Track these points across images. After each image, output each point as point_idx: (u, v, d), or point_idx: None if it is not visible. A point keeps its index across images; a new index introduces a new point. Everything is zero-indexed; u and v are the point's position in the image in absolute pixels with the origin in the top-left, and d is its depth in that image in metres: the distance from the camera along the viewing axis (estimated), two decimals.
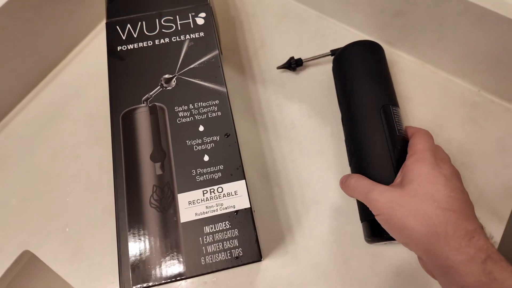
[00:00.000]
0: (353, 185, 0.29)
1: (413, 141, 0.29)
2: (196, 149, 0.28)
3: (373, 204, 0.27)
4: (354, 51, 0.35)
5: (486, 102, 0.39)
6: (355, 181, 0.29)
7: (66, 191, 0.36)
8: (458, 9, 0.32)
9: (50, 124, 0.39)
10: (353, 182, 0.29)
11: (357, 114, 0.32)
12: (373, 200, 0.27)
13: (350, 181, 0.30)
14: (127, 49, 0.32)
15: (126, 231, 0.26)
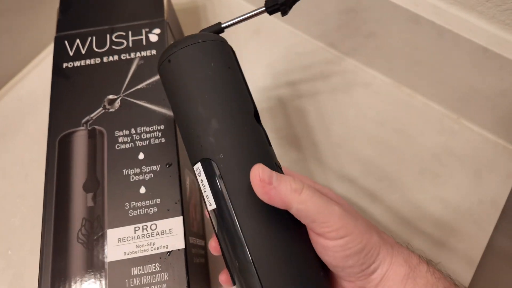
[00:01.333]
0: (305, 195, 0.20)
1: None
2: (132, 180, 0.26)
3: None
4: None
5: (465, 130, 0.36)
6: (301, 188, 0.20)
7: (12, 212, 0.34)
8: (431, 34, 0.30)
9: (2, 140, 0.37)
10: (304, 190, 0.20)
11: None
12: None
13: (294, 186, 0.20)
14: (73, 66, 0.30)
15: (49, 267, 0.24)
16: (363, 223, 0.20)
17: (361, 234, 0.20)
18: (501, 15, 0.27)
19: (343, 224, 0.19)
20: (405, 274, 0.20)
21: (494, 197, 0.33)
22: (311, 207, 0.19)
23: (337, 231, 0.19)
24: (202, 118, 0.20)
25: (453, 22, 0.29)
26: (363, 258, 0.20)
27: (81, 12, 0.32)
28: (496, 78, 0.30)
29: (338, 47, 0.39)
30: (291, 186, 0.19)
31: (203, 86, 0.20)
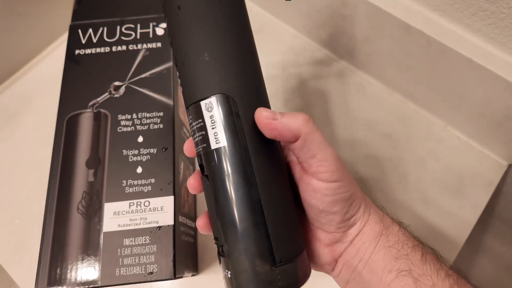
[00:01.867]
0: (314, 127, 0.20)
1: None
2: (131, 160, 0.28)
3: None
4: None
5: (452, 138, 0.38)
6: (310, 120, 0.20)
7: (21, 184, 0.37)
8: (421, 42, 0.32)
9: (15, 117, 0.40)
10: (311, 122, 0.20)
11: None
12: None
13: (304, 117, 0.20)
14: (84, 53, 0.32)
15: (51, 233, 0.26)
16: (351, 175, 0.21)
17: (350, 183, 0.21)
18: (486, 28, 0.29)
19: (338, 168, 0.20)
20: (379, 231, 0.21)
21: (474, 203, 0.35)
22: (316, 139, 0.20)
23: (332, 172, 0.20)
24: (223, 55, 0.20)
25: (441, 32, 0.30)
26: (348, 207, 0.21)
27: (95, 3, 0.35)
28: (480, 88, 0.31)
29: (335, 50, 0.41)
30: (297, 117, 0.20)
31: (225, 26, 0.20)
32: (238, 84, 0.20)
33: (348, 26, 0.36)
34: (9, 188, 0.37)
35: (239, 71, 0.20)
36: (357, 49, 0.38)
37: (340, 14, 0.36)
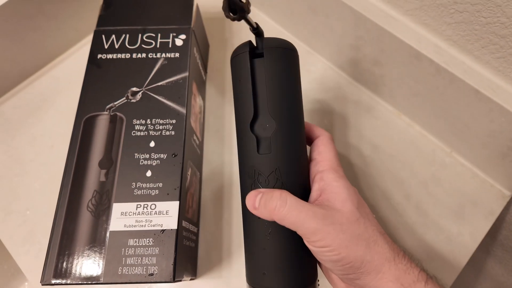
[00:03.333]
0: (283, 212, 0.22)
1: (323, 148, 0.27)
2: (141, 163, 0.29)
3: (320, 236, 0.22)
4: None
5: (456, 164, 0.38)
6: (282, 205, 0.23)
7: (35, 176, 0.39)
8: (430, 70, 0.32)
9: (36, 112, 0.42)
10: (281, 208, 0.22)
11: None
12: (320, 232, 0.22)
13: (275, 205, 0.23)
14: (106, 58, 0.34)
15: (60, 228, 0.28)
16: (347, 236, 0.22)
17: (340, 248, 0.21)
18: (495, 61, 0.30)
19: (320, 238, 0.22)
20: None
21: (473, 231, 0.35)
22: (286, 223, 0.22)
23: (315, 242, 0.22)
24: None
25: (450, 62, 0.31)
26: (342, 267, 0.22)
27: (120, 11, 0.37)
28: (486, 119, 0.32)
29: (347, 70, 0.42)
30: (266, 207, 0.23)
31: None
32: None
33: (361, 48, 0.37)
34: (25, 180, 0.38)
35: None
36: (368, 71, 0.39)
37: (353, 35, 0.37)
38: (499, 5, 0.26)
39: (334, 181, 0.24)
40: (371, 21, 0.34)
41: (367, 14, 0.34)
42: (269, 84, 0.25)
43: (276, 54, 0.25)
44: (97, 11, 0.37)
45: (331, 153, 0.26)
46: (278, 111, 0.24)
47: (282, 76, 0.25)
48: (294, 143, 0.25)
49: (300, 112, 0.26)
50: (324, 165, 0.26)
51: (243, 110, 0.25)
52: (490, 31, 0.28)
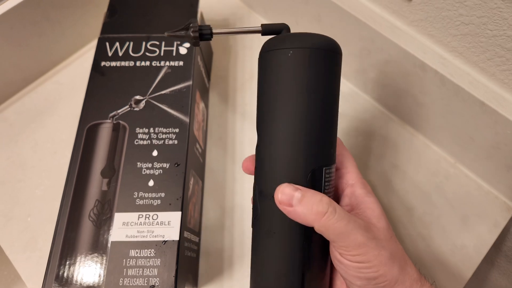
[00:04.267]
0: (332, 220, 0.20)
1: (343, 157, 0.26)
2: (144, 173, 0.29)
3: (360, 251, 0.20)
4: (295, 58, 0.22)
5: (460, 175, 0.38)
6: (332, 213, 0.20)
7: (37, 182, 0.38)
8: (435, 81, 0.32)
9: (39, 117, 0.42)
10: (331, 215, 0.20)
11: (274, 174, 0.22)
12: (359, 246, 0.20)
13: (324, 210, 0.20)
14: (110, 65, 0.34)
15: (62, 237, 0.27)
16: (387, 253, 0.21)
17: (379, 265, 0.20)
18: (500, 74, 0.29)
19: (363, 252, 0.20)
20: None
21: (477, 244, 0.35)
22: (331, 232, 0.20)
23: (354, 256, 0.20)
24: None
25: (455, 73, 0.31)
26: (373, 285, 0.21)
27: (124, 18, 0.37)
28: (491, 131, 0.31)
29: (352, 81, 0.42)
30: (312, 209, 0.20)
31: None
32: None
33: (365, 57, 0.37)
34: (27, 185, 0.38)
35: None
36: (372, 80, 0.39)
37: (360, 45, 0.37)
38: (505, 18, 0.26)
39: (366, 196, 0.24)
40: (376, 31, 0.33)
41: (371, 24, 0.34)
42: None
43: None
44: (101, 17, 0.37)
45: (352, 162, 0.25)
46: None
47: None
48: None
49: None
50: (351, 177, 0.25)
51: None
52: (496, 43, 0.28)
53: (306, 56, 0.21)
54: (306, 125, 0.22)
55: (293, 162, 0.22)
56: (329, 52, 0.22)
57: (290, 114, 0.22)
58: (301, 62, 0.21)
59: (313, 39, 0.22)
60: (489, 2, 0.26)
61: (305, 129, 0.22)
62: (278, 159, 0.22)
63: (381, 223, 0.22)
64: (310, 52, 0.21)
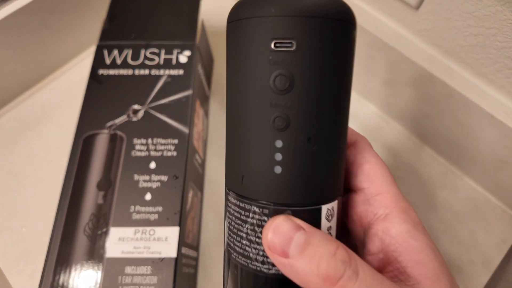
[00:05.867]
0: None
1: (370, 165, 0.16)
2: (141, 186, 0.28)
3: None
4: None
5: (467, 188, 0.37)
6: (352, 278, 0.13)
7: (32, 192, 0.37)
8: (443, 92, 0.31)
9: (36, 125, 0.41)
10: (350, 282, 0.13)
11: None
12: None
13: (340, 273, 0.13)
14: (107, 74, 0.33)
15: (55, 252, 0.26)
16: None
17: None
18: (510, 86, 0.28)
19: None
20: None
21: (486, 260, 0.34)
22: None
23: None
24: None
25: (464, 85, 0.30)
26: None
27: (123, 25, 0.36)
28: (500, 144, 0.30)
29: (357, 89, 0.41)
30: (319, 268, 0.12)
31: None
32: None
33: (371, 65, 0.36)
34: (21, 196, 0.37)
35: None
36: (378, 90, 0.38)
37: (362, 54, 0.36)
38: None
39: (411, 238, 0.14)
40: (380, 39, 0.33)
41: (376, 33, 0.33)
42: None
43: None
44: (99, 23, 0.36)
45: (385, 174, 0.16)
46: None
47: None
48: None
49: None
50: (384, 203, 0.15)
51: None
52: (505, 55, 0.27)
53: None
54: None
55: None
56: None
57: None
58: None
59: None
60: (498, 13, 0.26)
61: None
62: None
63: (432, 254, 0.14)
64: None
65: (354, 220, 0.17)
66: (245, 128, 0.16)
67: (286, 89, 0.15)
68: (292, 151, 0.15)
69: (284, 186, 0.15)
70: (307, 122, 0.15)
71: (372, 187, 0.16)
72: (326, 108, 0.15)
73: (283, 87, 0.15)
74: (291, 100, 0.15)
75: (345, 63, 0.16)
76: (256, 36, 0.15)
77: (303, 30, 0.15)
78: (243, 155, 0.16)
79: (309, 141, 0.15)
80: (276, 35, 0.15)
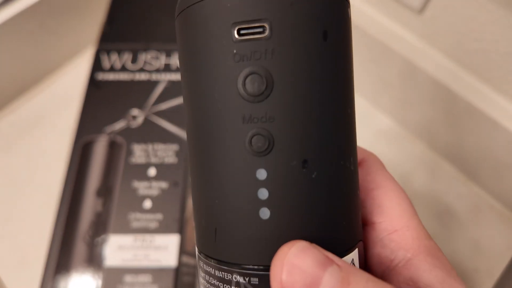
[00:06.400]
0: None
1: (385, 192, 0.14)
2: (141, 192, 0.28)
3: None
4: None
5: (472, 195, 0.36)
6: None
7: (30, 198, 0.37)
8: (446, 97, 0.31)
9: (33, 129, 0.40)
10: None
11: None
12: None
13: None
14: (106, 79, 0.33)
15: (55, 260, 0.26)
16: None
17: None
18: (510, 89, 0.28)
19: None
20: None
21: (490, 268, 0.33)
22: None
23: None
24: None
25: (467, 90, 0.30)
26: None
27: (122, 28, 0.36)
28: (504, 151, 0.30)
29: (360, 92, 0.41)
30: None
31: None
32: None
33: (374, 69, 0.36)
34: (19, 201, 0.37)
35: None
36: (382, 95, 0.38)
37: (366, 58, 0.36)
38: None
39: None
40: (384, 44, 0.32)
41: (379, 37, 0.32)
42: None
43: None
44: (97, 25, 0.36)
45: (402, 203, 0.13)
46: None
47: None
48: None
49: None
50: (403, 243, 0.12)
51: None
52: (510, 61, 0.27)
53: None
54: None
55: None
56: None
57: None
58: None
59: None
60: (502, 19, 0.25)
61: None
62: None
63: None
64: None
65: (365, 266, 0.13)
66: (210, 158, 0.12)
67: (263, 94, 0.11)
68: (281, 183, 0.11)
69: (277, 237, 0.11)
70: (298, 138, 0.11)
71: (386, 221, 0.13)
72: (324, 114, 0.11)
73: (257, 91, 0.11)
74: (271, 108, 0.11)
75: (341, 49, 0.12)
76: (211, 25, 0.11)
77: (279, 5, 0.10)
78: (211, 198, 0.12)
79: (305, 165, 0.11)
80: (238, 18, 0.11)
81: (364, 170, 0.14)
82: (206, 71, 0.11)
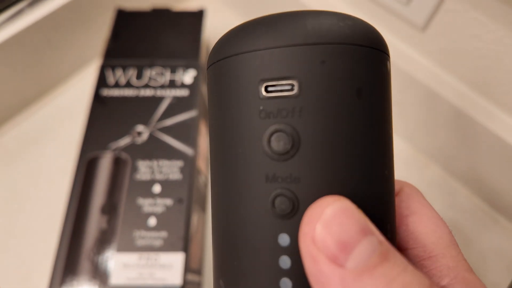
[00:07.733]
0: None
1: (423, 222, 0.13)
2: (146, 210, 0.28)
3: None
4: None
5: (476, 209, 0.36)
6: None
7: (34, 214, 0.37)
8: (450, 113, 0.31)
9: (37, 143, 0.40)
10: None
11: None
12: None
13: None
14: (111, 94, 0.33)
15: (59, 276, 0.26)
16: None
17: None
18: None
19: None
20: None
21: (495, 282, 0.33)
22: None
23: None
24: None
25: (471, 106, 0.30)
26: None
27: (127, 44, 0.36)
28: (508, 166, 0.30)
29: None
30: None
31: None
32: None
33: None
34: (23, 217, 0.37)
35: None
36: None
37: None
38: None
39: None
40: None
41: None
42: None
43: None
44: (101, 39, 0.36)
45: (439, 230, 0.12)
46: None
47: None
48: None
49: None
50: (437, 270, 0.11)
51: None
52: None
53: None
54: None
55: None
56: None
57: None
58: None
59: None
60: (505, 38, 0.26)
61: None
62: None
63: None
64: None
65: None
66: (231, 215, 0.11)
67: (288, 153, 0.10)
68: None
69: None
70: None
71: (418, 248, 0.12)
72: (356, 177, 0.10)
73: (282, 149, 0.10)
74: (296, 168, 0.10)
75: (378, 105, 0.11)
76: (239, 80, 0.11)
77: (309, 63, 0.10)
78: (230, 259, 0.11)
79: None
80: (266, 74, 0.10)
81: (400, 197, 0.13)
82: (232, 125, 0.11)
